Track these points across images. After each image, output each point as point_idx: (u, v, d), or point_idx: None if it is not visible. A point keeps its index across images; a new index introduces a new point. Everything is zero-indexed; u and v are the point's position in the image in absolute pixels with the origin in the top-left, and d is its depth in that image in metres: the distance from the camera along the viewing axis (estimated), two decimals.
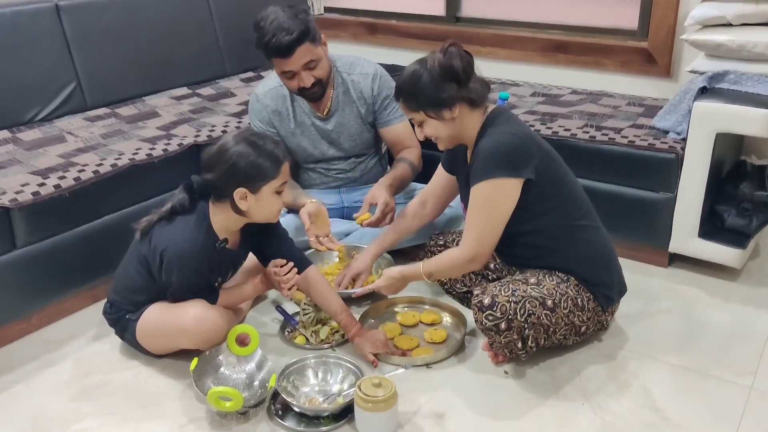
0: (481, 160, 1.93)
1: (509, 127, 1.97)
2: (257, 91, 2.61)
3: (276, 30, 2.31)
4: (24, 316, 2.25)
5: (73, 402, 1.97)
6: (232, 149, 1.88)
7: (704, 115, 2.38)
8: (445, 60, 1.90)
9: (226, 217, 1.98)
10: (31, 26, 2.78)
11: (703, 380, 2.02)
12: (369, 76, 2.59)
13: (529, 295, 1.93)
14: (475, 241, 1.96)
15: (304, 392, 1.95)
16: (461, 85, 1.91)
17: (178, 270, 1.95)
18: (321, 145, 2.63)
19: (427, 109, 1.94)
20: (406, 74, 1.95)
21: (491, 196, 1.93)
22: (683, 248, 2.56)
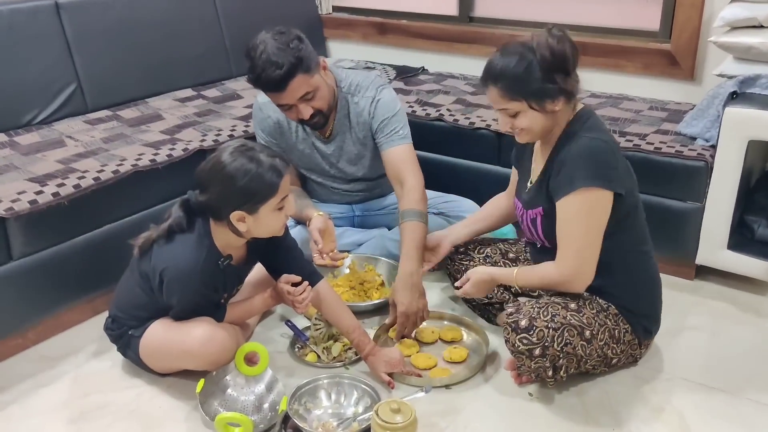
0: (569, 169, 1.78)
1: (601, 134, 1.83)
2: (258, 99, 2.43)
3: (265, 64, 2.08)
4: (19, 330, 2.14)
5: (71, 424, 1.86)
6: (227, 168, 1.74)
7: (736, 122, 2.27)
8: (557, 46, 1.74)
9: (225, 234, 1.85)
10: (29, 25, 2.67)
11: (739, 404, 1.91)
12: (369, 99, 2.36)
13: (568, 322, 1.80)
14: (576, 260, 1.81)
15: (317, 415, 1.84)
16: (568, 75, 1.78)
17: (178, 292, 1.84)
18: (322, 165, 2.48)
19: (530, 99, 1.78)
20: (510, 59, 1.76)
21: (589, 205, 1.78)
22: (711, 260, 2.45)
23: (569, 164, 1.79)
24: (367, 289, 2.39)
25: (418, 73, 3.50)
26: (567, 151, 1.82)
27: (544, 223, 1.90)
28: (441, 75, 3.45)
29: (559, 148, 1.86)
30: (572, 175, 1.78)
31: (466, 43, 3.54)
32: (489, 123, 2.75)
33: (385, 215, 2.61)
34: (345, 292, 2.36)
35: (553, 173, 1.85)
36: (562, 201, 1.80)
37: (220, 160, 1.77)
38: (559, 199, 1.81)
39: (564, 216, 1.81)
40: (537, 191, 1.92)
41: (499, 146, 2.74)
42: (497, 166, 2.76)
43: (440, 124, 2.83)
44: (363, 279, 2.42)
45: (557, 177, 1.82)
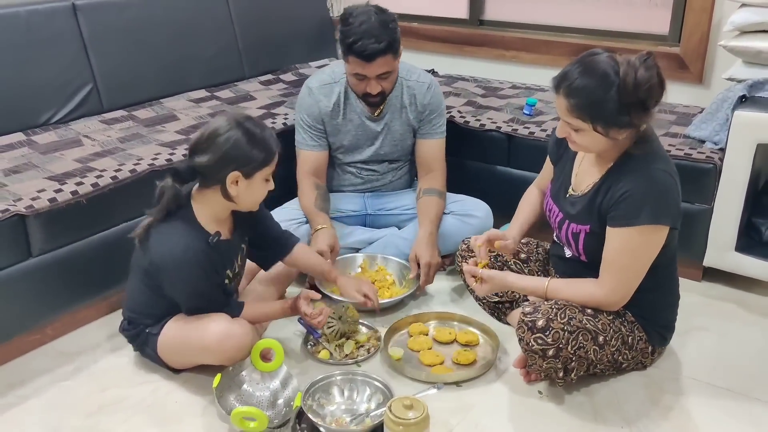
0: (636, 204, 1.76)
1: (666, 165, 1.81)
2: (311, 84, 2.54)
3: (364, 34, 2.26)
4: (38, 326, 2.17)
5: (89, 418, 1.89)
6: (227, 133, 1.82)
7: (745, 125, 2.29)
8: (645, 79, 1.67)
9: (212, 206, 1.91)
10: (47, 26, 2.71)
11: (746, 403, 1.93)
12: (425, 84, 2.55)
13: (584, 326, 1.82)
14: (621, 286, 1.83)
15: (330, 411, 1.87)
16: (647, 111, 1.72)
17: (180, 281, 1.89)
18: (364, 144, 2.58)
19: (597, 123, 1.72)
20: (591, 79, 1.69)
21: (643, 242, 1.79)
22: (719, 262, 2.47)
23: (636, 197, 1.76)
24: (377, 288, 2.41)
25: None
26: (633, 180, 1.77)
27: (588, 241, 1.90)
28: (451, 77, 3.48)
29: (618, 169, 1.82)
30: (639, 209, 1.76)
31: (476, 46, 3.58)
32: (499, 125, 2.78)
33: (396, 215, 2.65)
34: None
35: (611, 196, 1.81)
36: (623, 230, 1.79)
37: (219, 126, 1.84)
38: (617, 227, 1.80)
39: (620, 245, 1.80)
40: (586, 208, 1.89)
41: (508, 148, 2.77)
42: (507, 167, 2.79)
43: (451, 126, 2.85)
44: (374, 279, 2.46)
45: (620, 205, 1.79)
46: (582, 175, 1.95)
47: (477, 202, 2.56)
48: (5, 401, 1.96)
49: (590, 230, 1.89)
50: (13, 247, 2.04)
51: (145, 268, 1.93)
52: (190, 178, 1.90)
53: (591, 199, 1.88)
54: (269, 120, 2.81)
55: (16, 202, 2.04)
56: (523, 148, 2.72)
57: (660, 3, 3.10)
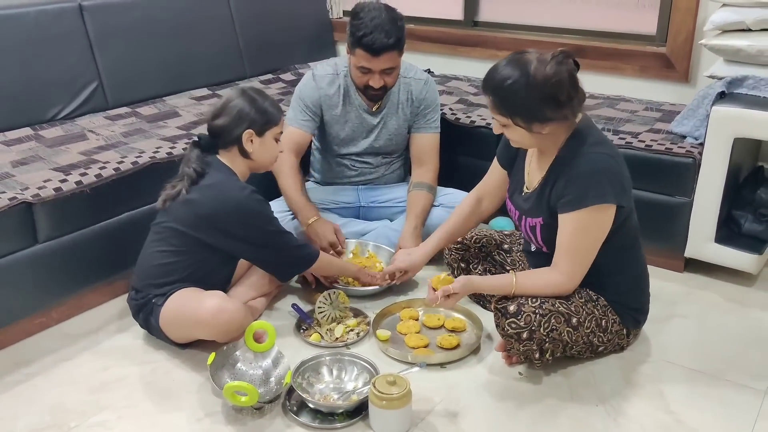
0: (580, 187, 1.85)
1: (605, 148, 1.90)
2: (315, 71, 2.66)
3: (375, 28, 2.37)
4: (44, 309, 2.28)
5: (91, 394, 1.99)
6: (237, 99, 2.10)
7: (722, 120, 2.38)
8: (551, 75, 1.76)
9: (236, 166, 2.13)
10: (54, 25, 2.83)
11: (718, 384, 2.02)
12: (421, 81, 2.67)
13: (556, 309, 1.91)
14: (577, 268, 1.92)
15: (319, 389, 1.97)
16: (561, 107, 1.81)
17: (253, 220, 2.08)
18: (360, 137, 2.68)
19: (516, 118, 1.84)
20: (507, 75, 1.80)
21: (592, 222, 1.87)
22: (699, 253, 2.55)
23: (580, 181, 1.85)
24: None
25: None
26: (575, 167, 1.86)
27: (544, 233, 1.99)
28: (446, 77, 3.58)
29: (561, 160, 1.92)
30: (584, 192, 1.84)
31: (470, 47, 3.66)
32: (489, 122, 2.87)
33: (389, 208, 2.74)
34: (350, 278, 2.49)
35: (557, 186, 1.91)
36: (571, 215, 1.87)
37: (230, 96, 2.12)
38: (566, 213, 1.88)
39: (570, 229, 1.88)
40: (537, 201, 1.99)
41: (497, 144, 2.84)
42: None
43: (442, 122, 2.94)
44: (364, 265, 2.54)
45: (565, 191, 1.88)
46: (532, 172, 2.04)
47: (464, 194, 2.64)
48: (13, 378, 2.06)
49: (543, 222, 1.97)
50: (21, 234, 2.15)
51: (180, 223, 2.07)
52: (211, 144, 2.12)
53: (540, 193, 1.97)
54: None
55: (23, 191, 2.15)
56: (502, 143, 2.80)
57: (648, 4, 3.18)
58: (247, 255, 2.18)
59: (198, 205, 2.06)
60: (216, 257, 2.12)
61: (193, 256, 2.09)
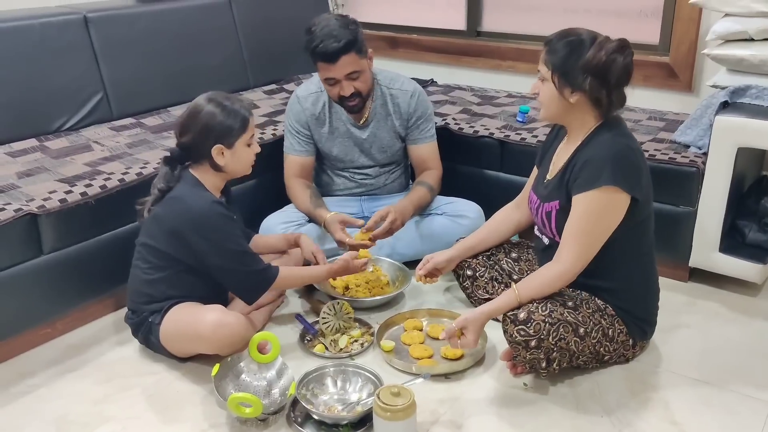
0: (595, 168, 1.88)
1: (626, 139, 1.94)
2: (298, 92, 2.68)
3: (325, 36, 2.38)
4: (48, 321, 2.28)
5: (95, 406, 1.99)
6: (203, 111, 2.03)
7: (725, 130, 2.38)
8: (609, 58, 1.85)
9: (209, 179, 2.09)
10: (59, 37, 2.84)
11: (722, 394, 2.01)
12: (408, 92, 2.66)
13: (564, 319, 1.91)
14: (580, 254, 1.91)
15: (323, 400, 1.96)
16: (604, 86, 1.88)
17: (211, 232, 2.01)
18: (352, 152, 2.68)
19: (556, 73, 1.91)
20: (573, 37, 1.90)
21: (602, 205, 1.89)
22: (704, 263, 2.55)
23: (596, 162, 1.89)
24: (372, 288, 2.51)
25: (428, 84, 3.63)
26: (593, 150, 1.92)
27: (559, 218, 2.00)
28: (449, 87, 3.59)
29: (583, 147, 1.97)
30: (598, 173, 1.87)
31: (473, 57, 3.68)
32: (492, 131, 2.88)
33: None
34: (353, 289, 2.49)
35: (575, 169, 1.94)
36: (582, 196, 1.90)
37: (196, 105, 2.06)
38: (578, 194, 1.91)
39: (580, 211, 1.91)
40: (557, 185, 2.02)
41: (501, 153, 2.87)
42: (499, 172, 2.89)
43: (446, 133, 2.96)
44: (368, 279, 2.55)
45: (580, 172, 1.91)
46: (557, 162, 2.08)
47: (468, 203, 2.66)
48: (17, 389, 2.07)
49: (559, 206, 1.99)
50: (26, 245, 2.16)
51: (152, 240, 2.07)
52: (181, 158, 2.09)
53: (561, 177, 2.01)
54: (271, 127, 2.92)
55: (28, 203, 2.16)
56: (515, 153, 2.81)
57: (650, 14, 3.19)
58: (213, 273, 2.07)
59: (162, 219, 2.06)
60: (198, 271, 2.09)
61: (174, 271, 2.08)
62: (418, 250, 2.61)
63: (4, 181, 2.31)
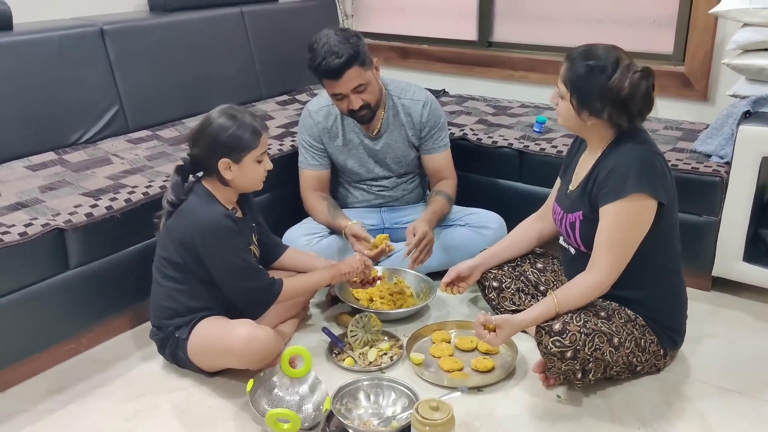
0: (620, 177, 1.88)
1: (647, 146, 1.95)
2: (309, 107, 2.67)
3: (326, 53, 2.36)
4: (74, 336, 2.26)
5: (127, 422, 1.97)
6: (213, 124, 2.02)
7: (750, 139, 2.39)
8: (633, 82, 1.84)
9: (220, 191, 2.08)
10: (76, 50, 2.82)
11: (756, 404, 2.01)
12: (420, 102, 2.64)
13: (599, 329, 1.91)
14: (615, 263, 1.91)
15: (358, 415, 1.95)
16: (625, 116, 1.88)
17: (216, 244, 2.00)
18: (367, 164, 2.67)
19: (574, 95, 1.91)
20: (596, 59, 1.88)
21: (631, 213, 1.89)
22: (727, 272, 2.55)
23: (620, 171, 1.89)
24: (396, 300, 2.50)
25: (440, 95, 3.64)
26: (616, 159, 1.92)
27: (583, 228, 2.01)
28: (461, 97, 3.59)
29: (606, 155, 1.97)
30: (623, 181, 1.87)
31: (485, 67, 3.69)
32: (511, 142, 2.88)
33: None
34: (377, 301, 2.48)
35: (598, 179, 1.94)
36: (610, 206, 1.90)
37: (208, 117, 2.05)
38: (606, 204, 1.91)
39: (609, 221, 1.90)
40: (580, 195, 2.02)
41: (520, 164, 2.87)
42: (519, 182, 2.89)
43: (464, 143, 2.96)
44: (392, 291, 2.53)
45: (605, 182, 1.91)
46: (579, 172, 2.08)
47: (490, 214, 2.66)
48: (47, 406, 2.04)
49: (583, 216, 1.99)
50: (53, 260, 2.13)
51: (168, 253, 2.06)
52: (191, 169, 2.09)
53: (583, 188, 2.01)
54: (288, 138, 2.91)
55: (55, 217, 2.14)
56: (534, 164, 2.81)
57: (664, 23, 3.21)
58: (222, 285, 2.06)
59: (173, 231, 2.05)
60: (215, 284, 2.07)
61: (192, 283, 2.07)
62: (442, 262, 2.60)
63: (28, 195, 2.29)
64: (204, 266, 2.04)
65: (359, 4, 4.11)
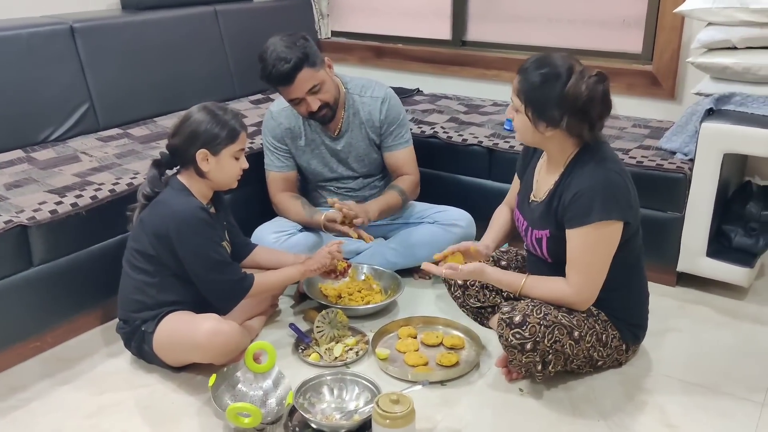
0: (585, 202, 1.86)
1: (613, 164, 1.92)
2: (272, 108, 2.67)
3: (275, 60, 2.36)
4: (38, 333, 2.25)
5: (89, 419, 1.97)
6: (194, 117, 2.06)
7: (712, 136, 2.42)
8: (588, 89, 1.80)
9: (195, 185, 2.10)
10: (46, 48, 2.81)
11: (716, 397, 2.03)
12: (378, 99, 2.63)
13: (559, 321, 1.92)
14: (588, 283, 1.93)
15: (321, 409, 1.96)
16: (585, 123, 1.85)
17: (192, 237, 2.02)
18: (330, 163, 2.67)
19: (529, 109, 1.88)
20: (548, 68, 1.84)
21: (598, 238, 1.88)
22: (691, 267, 2.58)
23: (586, 196, 1.86)
24: (364, 296, 2.51)
25: (413, 94, 3.66)
26: (581, 181, 1.88)
27: (550, 245, 2.00)
28: (435, 96, 3.61)
29: (569, 173, 1.94)
30: (589, 207, 1.86)
31: (459, 66, 3.70)
32: (480, 140, 2.90)
33: (382, 227, 2.74)
34: (346, 298, 2.49)
35: (564, 199, 1.92)
36: (578, 231, 1.89)
37: (189, 111, 2.09)
38: (573, 228, 1.90)
39: (578, 245, 1.90)
40: (545, 213, 2.00)
41: (489, 161, 2.89)
42: (488, 180, 2.91)
43: (434, 141, 2.98)
44: (361, 287, 2.55)
45: (570, 206, 1.90)
46: (541, 182, 2.06)
47: (460, 212, 2.67)
48: (8, 404, 2.03)
49: (550, 234, 1.99)
50: (16, 257, 2.12)
51: (141, 244, 2.07)
52: (168, 162, 2.11)
53: (547, 205, 1.99)
54: (259, 137, 2.91)
55: (18, 214, 2.13)
56: (504, 161, 2.83)
57: (633, 23, 3.24)
58: (194, 279, 2.07)
59: (148, 223, 2.07)
60: (186, 276, 2.08)
61: (163, 276, 2.08)
62: (409, 259, 2.63)
63: None
64: (177, 259, 2.04)
65: (335, 4, 4.12)
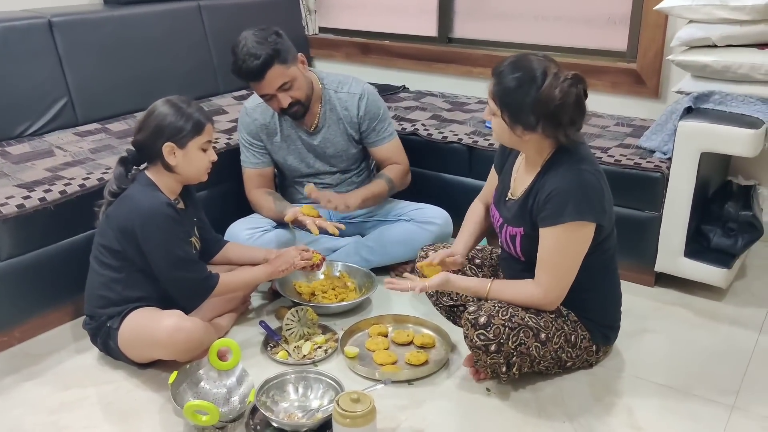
0: (559, 202, 1.84)
1: (589, 165, 1.89)
2: (246, 104, 2.65)
3: (245, 56, 2.34)
4: (6, 329, 2.24)
5: (51, 415, 1.95)
6: (158, 110, 2.03)
7: (689, 135, 2.39)
8: (562, 93, 1.77)
9: (163, 181, 2.08)
10: (23, 42, 2.80)
11: (686, 399, 2.01)
12: (356, 95, 2.60)
13: (525, 323, 1.89)
14: (557, 283, 1.90)
15: (284, 407, 1.94)
16: (560, 128, 1.82)
17: (157, 232, 1.99)
18: (307, 159, 2.65)
19: (505, 113, 1.84)
20: (522, 72, 1.80)
21: (576, 237, 1.86)
22: (669, 267, 2.55)
23: (560, 196, 1.84)
24: (338, 294, 2.49)
25: (399, 91, 3.64)
26: (556, 181, 1.86)
27: (524, 243, 1.98)
28: (420, 93, 3.59)
29: (545, 172, 1.91)
30: (562, 207, 1.84)
31: (445, 63, 3.68)
32: (461, 137, 2.88)
33: (360, 224, 2.73)
34: (319, 295, 2.47)
35: (539, 198, 1.90)
36: (550, 230, 1.87)
37: (154, 106, 2.06)
38: (545, 227, 1.88)
39: (550, 244, 1.88)
40: (520, 211, 1.98)
41: (470, 159, 2.86)
42: (468, 177, 2.88)
43: (415, 138, 2.96)
44: (335, 285, 2.53)
45: (546, 205, 1.87)
46: (519, 180, 2.04)
47: (436, 209, 2.64)
48: None
49: (524, 233, 1.97)
50: None
51: (106, 240, 2.05)
52: (135, 159, 2.09)
53: (523, 203, 1.96)
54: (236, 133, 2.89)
55: None
56: (484, 159, 2.80)
57: (618, 21, 3.21)
58: (158, 274, 2.05)
59: (113, 218, 2.05)
60: (152, 273, 2.06)
61: (129, 271, 2.06)
62: (385, 257, 2.61)
63: None
64: (142, 254, 2.02)
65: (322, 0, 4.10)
